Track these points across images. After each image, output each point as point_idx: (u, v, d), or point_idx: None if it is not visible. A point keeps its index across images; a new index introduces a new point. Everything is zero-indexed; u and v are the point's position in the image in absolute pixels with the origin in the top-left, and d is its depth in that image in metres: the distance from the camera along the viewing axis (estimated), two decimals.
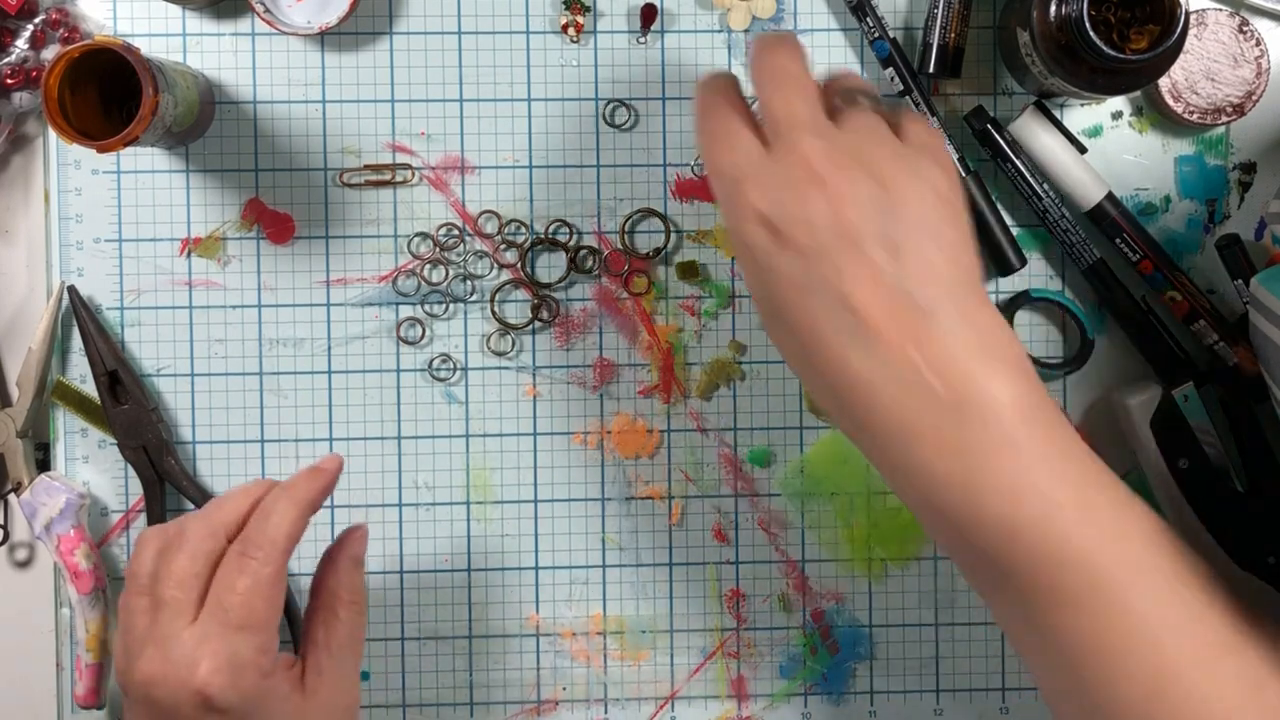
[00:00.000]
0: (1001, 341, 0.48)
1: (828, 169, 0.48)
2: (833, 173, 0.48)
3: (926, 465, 0.47)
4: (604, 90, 0.69)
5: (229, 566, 0.53)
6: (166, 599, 0.52)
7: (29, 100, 0.67)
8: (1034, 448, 0.47)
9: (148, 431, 0.68)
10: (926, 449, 0.47)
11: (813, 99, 0.51)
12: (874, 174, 0.49)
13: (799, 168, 0.48)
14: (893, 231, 0.48)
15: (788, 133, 0.49)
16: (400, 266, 0.69)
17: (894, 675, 0.70)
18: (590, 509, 0.70)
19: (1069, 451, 0.48)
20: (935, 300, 0.47)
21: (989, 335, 0.48)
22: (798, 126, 0.49)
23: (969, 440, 0.47)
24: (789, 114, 0.50)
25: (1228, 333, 0.67)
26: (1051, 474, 0.47)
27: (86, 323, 0.67)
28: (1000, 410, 0.47)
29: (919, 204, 0.49)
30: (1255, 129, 0.69)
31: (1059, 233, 0.67)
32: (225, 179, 0.69)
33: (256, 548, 0.53)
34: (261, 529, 0.53)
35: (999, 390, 0.47)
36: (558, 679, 0.70)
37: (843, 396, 0.48)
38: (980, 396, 0.47)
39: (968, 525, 0.47)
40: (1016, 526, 0.47)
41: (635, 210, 0.69)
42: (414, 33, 0.68)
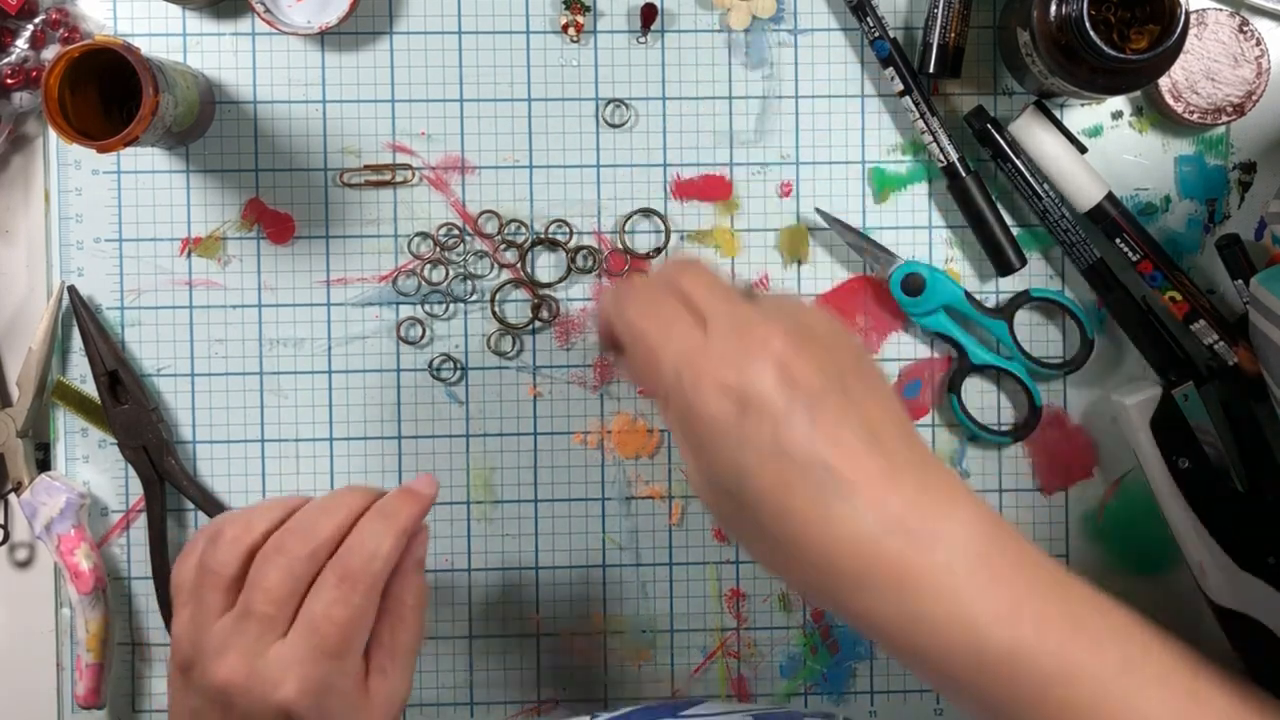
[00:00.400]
0: (954, 479, 0.51)
1: (774, 332, 0.49)
2: (781, 336, 0.50)
3: (916, 604, 0.48)
4: (604, 90, 0.69)
5: (327, 594, 0.52)
6: (258, 612, 0.52)
7: (29, 100, 0.67)
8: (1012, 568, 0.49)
9: (148, 431, 0.68)
10: (922, 590, 0.48)
11: (727, 280, 0.53)
12: (817, 337, 0.51)
13: (747, 336, 0.50)
14: (851, 390, 0.50)
15: (721, 309, 0.51)
16: (400, 266, 0.69)
17: (894, 675, 0.70)
18: (590, 509, 0.70)
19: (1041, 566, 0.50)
20: (894, 443, 0.49)
21: (945, 475, 0.51)
22: (727, 300, 0.51)
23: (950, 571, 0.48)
24: (714, 291, 0.52)
25: (1228, 333, 0.67)
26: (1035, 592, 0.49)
27: (87, 322, 0.67)
28: (971, 536, 0.49)
29: (854, 357, 0.51)
30: (1255, 129, 0.69)
31: (1059, 232, 0.67)
32: (225, 179, 0.69)
33: (357, 581, 0.53)
34: (364, 560, 0.53)
35: (966, 516, 0.49)
36: (558, 679, 0.70)
37: (830, 556, 0.48)
38: (950, 529, 0.49)
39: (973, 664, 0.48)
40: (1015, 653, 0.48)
41: (634, 210, 0.69)
42: (414, 33, 0.68)
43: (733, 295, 0.52)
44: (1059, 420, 0.70)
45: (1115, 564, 0.70)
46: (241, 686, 0.52)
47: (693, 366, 0.49)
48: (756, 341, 0.49)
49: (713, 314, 0.51)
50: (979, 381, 0.70)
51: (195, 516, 0.69)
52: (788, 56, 0.69)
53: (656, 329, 0.51)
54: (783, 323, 0.50)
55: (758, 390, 0.48)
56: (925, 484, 0.49)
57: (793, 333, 0.50)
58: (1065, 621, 0.49)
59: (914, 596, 0.48)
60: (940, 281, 0.68)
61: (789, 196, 0.69)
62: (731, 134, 0.69)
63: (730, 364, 0.49)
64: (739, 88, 0.69)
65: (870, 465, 0.48)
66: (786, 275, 0.69)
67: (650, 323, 0.52)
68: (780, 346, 0.49)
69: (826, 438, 0.48)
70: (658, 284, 0.54)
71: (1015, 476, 0.70)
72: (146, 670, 0.70)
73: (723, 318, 0.51)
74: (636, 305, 0.53)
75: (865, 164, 0.69)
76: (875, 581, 0.48)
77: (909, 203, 0.69)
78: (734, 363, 0.49)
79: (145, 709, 0.70)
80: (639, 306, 0.52)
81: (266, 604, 0.52)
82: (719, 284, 0.52)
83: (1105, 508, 0.70)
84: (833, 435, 0.48)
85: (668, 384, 0.50)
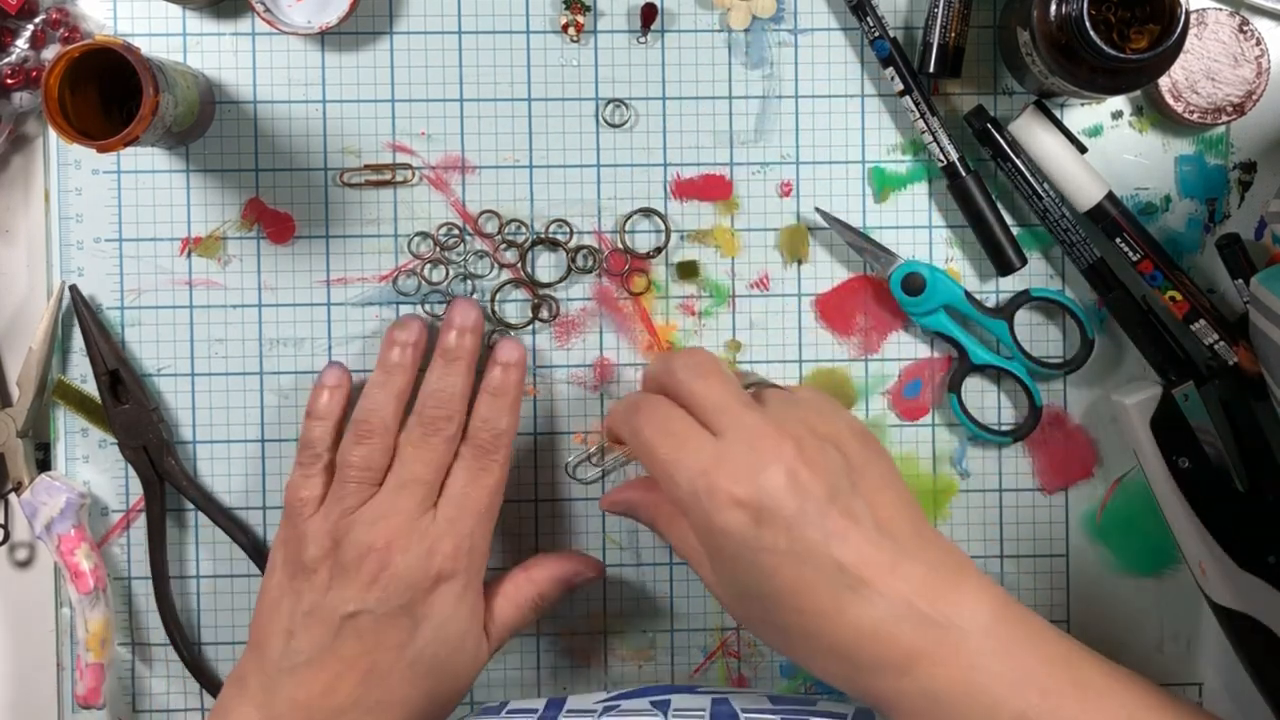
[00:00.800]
0: (960, 558, 0.54)
1: (784, 444, 0.53)
2: (791, 446, 0.53)
3: (931, 684, 0.51)
4: (604, 90, 0.69)
5: (472, 465, 0.61)
6: (419, 480, 0.59)
7: (29, 100, 0.67)
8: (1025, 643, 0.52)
9: (148, 431, 0.68)
10: (933, 667, 0.51)
11: (736, 384, 0.56)
12: (820, 434, 0.54)
13: (759, 449, 0.53)
14: (858, 485, 0.54)
15: (732, 421, 0.54)
16: (400, 266, 0.69)
17: None
18: (590, 509, 0.70)
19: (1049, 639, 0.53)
20: (905, 538, 0.53)
21: (951, 555, 0.54)
22: (736, 407, 0.55)
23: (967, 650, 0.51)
24: (724, 399, 0.55)
25: (1228, 332, 0.67)
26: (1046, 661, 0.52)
27: (88, 322, 0.67)
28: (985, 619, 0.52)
29: (864, 454, 0.55)
30: (1255, 128, 0.69)
31: (1059, 232, 0.67)
32: (225, 179, 0.69)
33: (495, 450, 0.61)
34: (491, 436, 0.61)
35: (977, 599, 0.52)
36: (558, 679, 0.70)
37: (847, 645, 0.52)
38: (965, 613, 0.52)
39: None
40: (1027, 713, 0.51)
41: (634, 210, 0.69)
42: (414, 33, 0.68)
43: (742, 401, 0.55)
44: (1059, 420, 0.70)
45: (1115, 564, 0.70)
46: (404, 542, 0.58)
47: (709, 483, 0.53)
48: (768, 454, 0.53)
49: (724, 428, 0.54)
50: (979, 381, 0.70)
51: (196, 517, 0.69)
52: (788, 56, 0.69)
53: (671, 447, 0.55)
54: (792, 430, 0.54)
55: (771, 501, 0.52)
56: (933, 565, 0.53)
57: (802, 439, 0.53)
58: (1071, 686, 0.51)
59: (929, 675, 0.51)
60: (940, 281, 0.68)
61: (789, 196, 0.69)
62: (731, 134, 0.69)
63: (744, 479, 0.52)
64: (739, 87, 0.69)
65: (879, 558, 0.52)
66: (787, 275, 0.69)
67: (664, 441, 0.55)
68: (791, 456, 0.53)
69: (838, 538, 0.52)
70: (666, 393, 0.57)
71: (1015, 476, 0.70)
72: (146, 670, 0.70)
73: (734, 430, 0.54)
74: (650, 423, 0.56)
75: (865, 164, 0.69)
76: (891, 665, 0.51)
77: (909, 202, 0.69)
78: (748, 477, 0.52)
79: (145, 709, 0.70)
80: (653, 424, 0.56)
81: (426, 471, 0.59)
82: (729, 389, 0.56)
83: (1105, 508, 0.70)
84: (842, 534, 0.52)
85: (684, 499, 0.54)
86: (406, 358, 0.63)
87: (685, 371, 0.57)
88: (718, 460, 0.53)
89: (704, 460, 0.53)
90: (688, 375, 0.56)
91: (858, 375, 0.69)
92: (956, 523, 0.70)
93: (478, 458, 0.61)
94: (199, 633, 0.69)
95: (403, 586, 0.58)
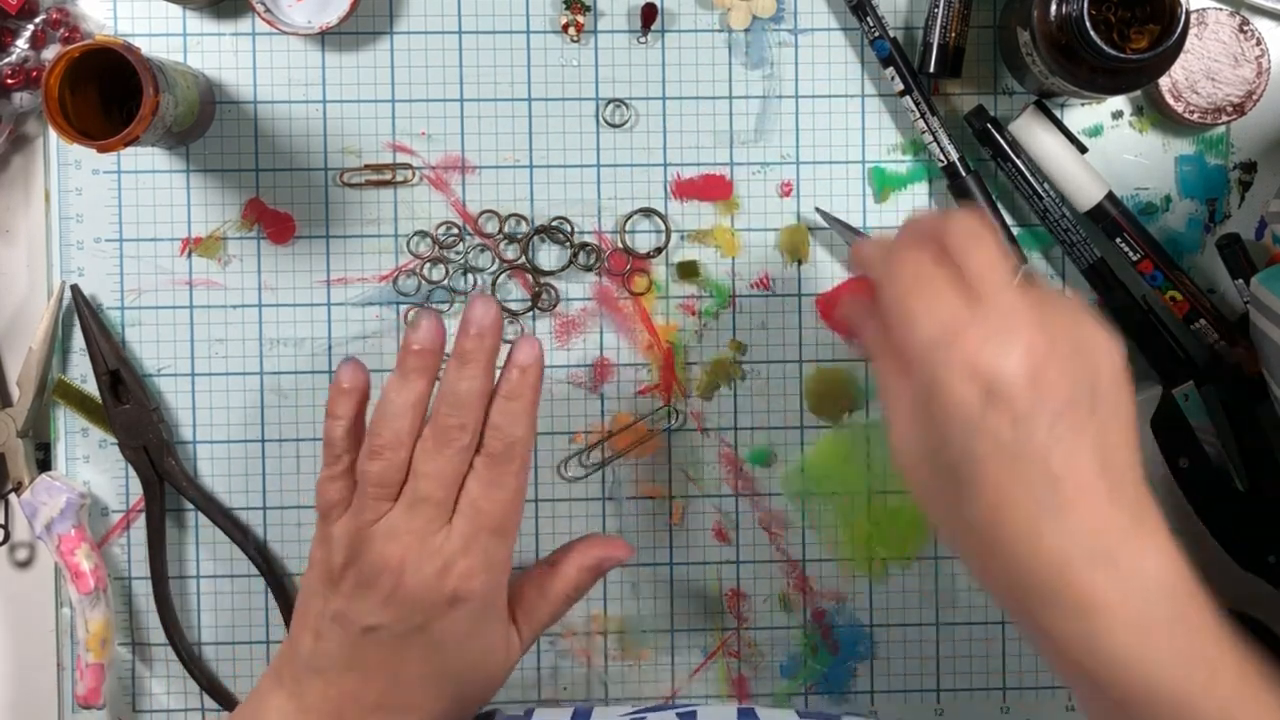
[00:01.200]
0: (1158, 522, 0.50)
1: (1038, 333, 0.49)
2: (1044, 338, 0.49)
3: (1108, 636, 0.48)
4: (604, 90, 0.69)
5: (485, 476, 0.57)
6: (430, 498, 0.56)
7: (29, 100, 0.67)
8: (1200, 620, 0.49)
9: (148, 431, 0.68)
10: (1110, 620, 0.48)
11: (1010, 260, 0.52)
12: (1079, 344, 0.50)
13: (1012, 330, 0.49)
14: (1097, 408, 0.50)
15: (996, 291, 0.50)
16: (401, 266, 0.69)
17: (894, 675, 0.70)
18: (590, 509, 0.70)
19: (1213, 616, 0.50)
20: (1121, 471, 0.49)
21: (1152, 517, 0.50)
22: (1004, 281, 0.50)
23: (1148, 614, 0.48)
24: (994, 272, 0.50)
25: (1228, 332, 0.67)
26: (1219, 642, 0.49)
27: (89, 321, 0.67)
28: (1168, 588, 0.49)
29: (1111, 374, 0.51)
30: (1255, 128, 0.69)
31: (1059, 232, 0.67)
32: (225, 179, 0.69)
33: (509, 460, 0.57)
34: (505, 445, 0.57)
35: (1163, 566, 0.49)
36: (558, 679, 0.70)
37: (1029, 567, 0.49)
38: (1153, 576, 0.49)
39: (1143, 699, 0.48)
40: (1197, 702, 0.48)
41: (635, 210, 0.69)
42: (414, 33, 0.68)
43: (1010, 282, 0.51)
44: None
45: None
46: (415, 562, 0.55)
47: (950, 343, 0.49)
48: (1019, 338, 0.49)
49: (986, 296, 0.50)
50: None
51: (196, 518, 0.69)
52: (788, 56, 0.69)
53: (926, 294, 0.51)
54: (1049, 324, 0.50)
55: (1008, 385, 0.48)
56: (1139, 517, 0.49)
57: (1057, 338, 0.50)
58: (1233, 673, 0.49)
59: (1104, 627, 0.48)
60: None
61: (789, 196, 0.69)
62: (732, 134, 0.69)
63: (987, 353, 0.49)
64: (739, 87, 0.69)
65: (1093, 489, 0.49)
66: (787, 275, 0.69)
67: (920, 286, 0.51)
68: (1042, 349, 0.49)
69: (1062, 451, 0.48)
70: (936, 247, 0.52)
71: None
72: (146, 670, 0.70)
73: (995, 302, 0.50)
74: (910, 265, 0.52)
75: (865, 164, 0.69)
76: (1066, 603, 0.48)
77: (909, 203, 0.69)
78: (992, 353, 0.49)
79: (145, 709, 0.70)
80: (912, 268, 0.52)
81: (437, 489, 0.56)
82: (1002, 263, 0.51)
83: None
84: (1068, 449, 0.48)
85: (919, 349, 0.50)
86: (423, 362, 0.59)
87: (962, 231, 0.52)
88: (969, 323, 0.49)
89: (955, 318, 0.49)
90: (964, 234, 0.52)
91: (859, 375, 0.69)
92: None
93: (490, 468, 0.57)
94: (200, 633, 0.69)
95: (416, 607, 0.56)
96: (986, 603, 0.70)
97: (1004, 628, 0.70)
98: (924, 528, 0.70)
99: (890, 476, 0.69)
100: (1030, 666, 0.70)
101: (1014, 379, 0.48)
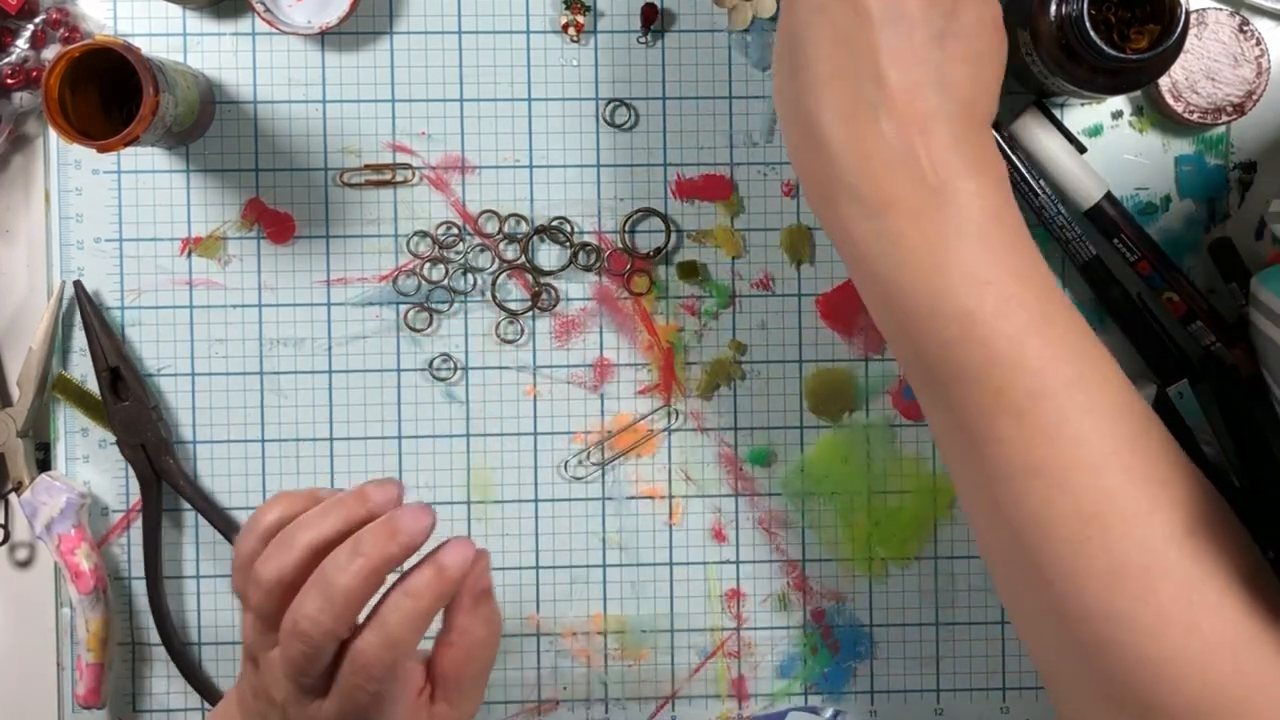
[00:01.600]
0: (995, 160, 0.50)
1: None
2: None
3: (899, 239, 0.48)
4: (604, 90, 0.69)
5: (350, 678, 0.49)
6: (300, 684, 0.49)
7: (29, 100, 0.67)
8: (1004, 247, 0.49)
9: (147, 429, 0.68)
10: (903, 221, 0.48)
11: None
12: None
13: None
14: (946, 32, 0.49)
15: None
16: (401, 266, 0.69)
17: (894, 675, 0.70)
18: (590, 509, 0.70)
19: (1036, 264, 0.50)
20: (954, 107, 0.49)
21: (986, 151, 0.50)
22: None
23: (944, 223, 0.48)
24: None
25: (1225, 333, 0.67)
26: (1017, 276, 0.49)
27: (90, 317, 0.67)
28: (978, 206, 0.49)
29: (977, 25, 0.50)
30: (1255, 128, 0.69)
31: (1055, 228, 0.67)
32: (225, 179, 0.69)
33: (373, 669, 0.49)
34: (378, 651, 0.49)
35: (982, 189, 0.49)
36: (558, 679, 0.70)
37: (837, 158, 0.49)
38: (963, 191, 0.49)
39: (926, 313, 0.48)
40: (974, 318, 0.48)
41: (635, 210, 0.69)
42: (414, 33, 0.68)
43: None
44: None
45: None
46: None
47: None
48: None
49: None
50: None
51: (195, 518, 0.69)
52: None
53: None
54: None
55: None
56: (965, 138, 0.49)
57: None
58: (1033, 316, 0.48)
59: (897, 228, 0.48)
60: None
61: (791, 196, 0.69)
62: (732, 134, 0.69)
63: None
64: (740, 88, 0.69)
65: (919, 100, 0.48)
66: (788, 275, 0.69)
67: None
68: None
69: (895, 56, 0.49)
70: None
71: None
72: (146, 670, 0.70)
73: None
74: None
75: None
76: (868, 200, 0.49)
77: None
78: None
79: (145, 709, 0.70)
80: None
81: (304, 678, 0.48)
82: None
83: None
84: (903, 56, 0.49)
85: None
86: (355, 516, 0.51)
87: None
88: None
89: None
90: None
91: (859, 375, 0.69)
92: (958, 523, 0.70)
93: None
94: (200, 633, 0.69)
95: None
96: (986, 603, 0.70)
97: (1004, 628, 0.70)
98: (924, 528, 0.70)
99: (890, 476, 0.70)
100: (1030, 666, 0.70)
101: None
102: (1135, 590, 0.48)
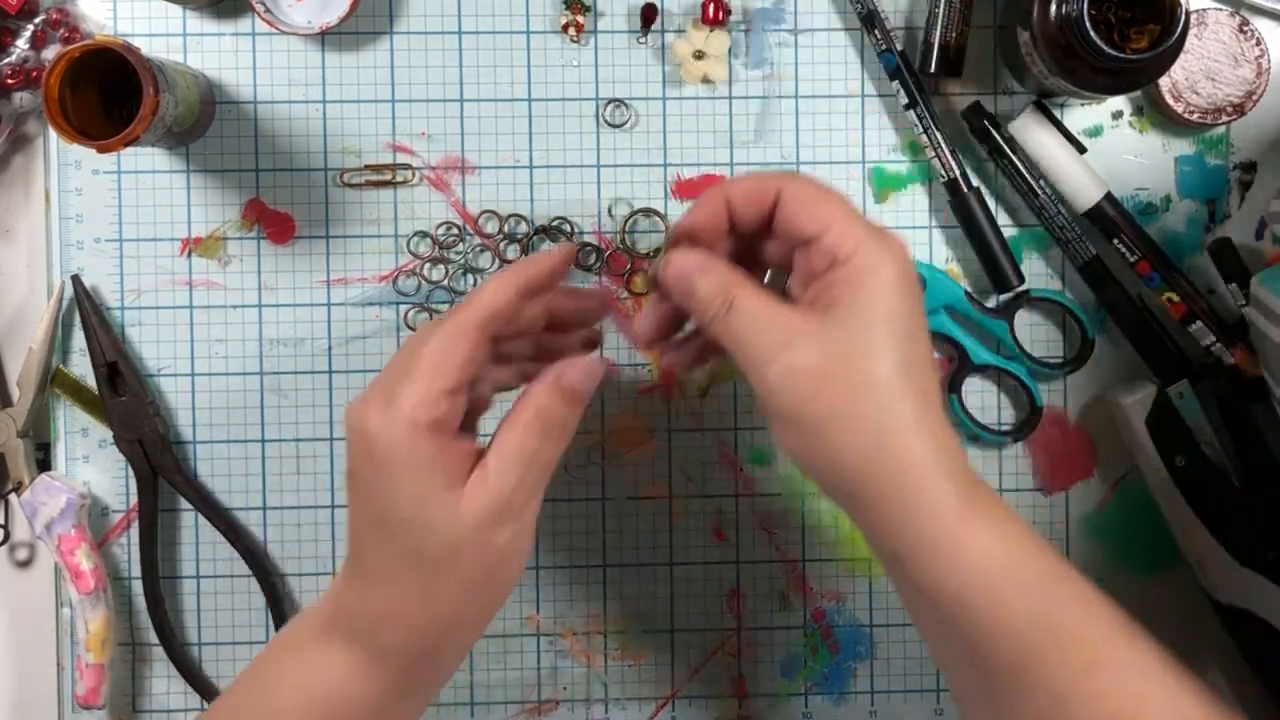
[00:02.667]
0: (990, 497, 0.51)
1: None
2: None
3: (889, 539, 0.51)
4: (604, 90, 0.69)
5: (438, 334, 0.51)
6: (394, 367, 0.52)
7: (29, 100, 0.67)
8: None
9: (144, 425, 0.68)
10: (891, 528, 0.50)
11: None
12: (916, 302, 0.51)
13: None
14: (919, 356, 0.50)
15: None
16: (401, 266, 0.69)
17: (894, 675, 0.70)
18: (590, 509, 0.70)
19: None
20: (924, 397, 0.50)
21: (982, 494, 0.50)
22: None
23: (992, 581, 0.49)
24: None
25: (1225, 334, 0.67)
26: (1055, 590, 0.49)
27: (89, 313, 0.67)
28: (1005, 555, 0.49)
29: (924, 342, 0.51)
30: (1255, 129, 0.69)
31: (1055, 228, 0.67)
32: (225, 179, 0.69)
33: (456, 320, 0.51)
34: (464, 306, 0.52)
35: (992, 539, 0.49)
36: (558, 679, 0.70)
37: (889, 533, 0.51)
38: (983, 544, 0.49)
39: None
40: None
41: (635, 210, 0.69)
42: (414, 33, 0.68)
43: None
44: (1059, 420, 0.70)
45: (1115, 564, 0.70)
46: (379, 421, 0.49)
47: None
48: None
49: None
50: (979, 381, 0.70)
51: (194, 517, 0.69)
52: (788, 56, 0.69)
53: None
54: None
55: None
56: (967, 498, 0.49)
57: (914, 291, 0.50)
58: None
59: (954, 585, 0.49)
60: (940, 281, 0.68)
61: None
62: (731, 134, 0.69)
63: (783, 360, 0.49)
64: (739, 88, 0.69)
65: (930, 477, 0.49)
66: None
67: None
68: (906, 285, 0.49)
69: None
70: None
71: (1015, 476, 0.70)
72: (146, 670, 0.70)
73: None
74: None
75: (865, 164, 0.69)
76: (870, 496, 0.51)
77: (909, 203, 0.69)
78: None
79: (145, 709, 0.70)
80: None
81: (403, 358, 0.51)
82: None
83: (1105, 507, 0.70)
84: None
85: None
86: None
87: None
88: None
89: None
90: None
91: None
92: None
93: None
94: (200, 633, 0.69)
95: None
96: None
97: None
98: None
99: None
100: None
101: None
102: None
